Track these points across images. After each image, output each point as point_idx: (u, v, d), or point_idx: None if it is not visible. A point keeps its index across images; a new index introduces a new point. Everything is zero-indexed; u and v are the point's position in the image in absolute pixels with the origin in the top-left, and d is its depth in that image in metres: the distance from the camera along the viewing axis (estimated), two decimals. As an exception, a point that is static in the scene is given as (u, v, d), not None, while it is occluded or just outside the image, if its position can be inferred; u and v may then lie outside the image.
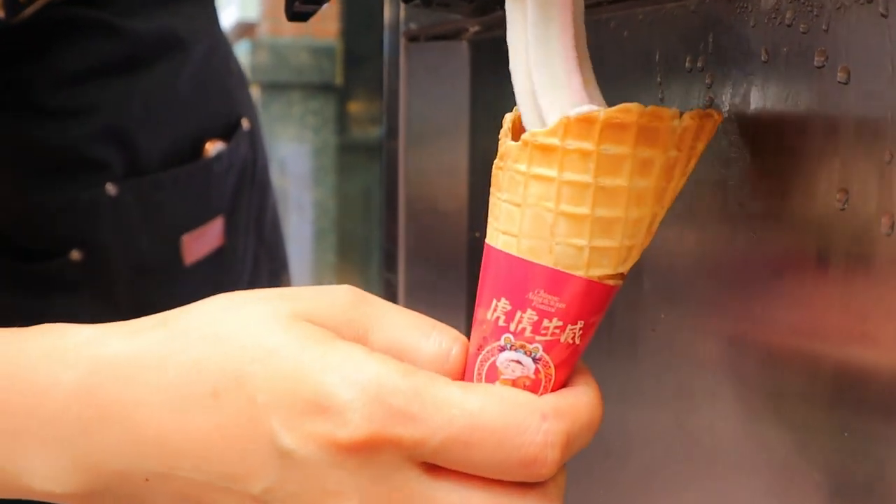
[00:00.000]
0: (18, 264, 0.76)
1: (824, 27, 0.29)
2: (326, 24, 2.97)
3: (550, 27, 0.30)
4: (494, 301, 0.32)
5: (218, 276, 0.83)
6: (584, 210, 0.30)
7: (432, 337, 0.34)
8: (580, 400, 0.31)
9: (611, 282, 0.31)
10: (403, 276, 0.67)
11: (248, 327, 0.33)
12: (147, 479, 0.34)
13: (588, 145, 0.29)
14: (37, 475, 0.35)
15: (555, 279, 0.31)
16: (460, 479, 0.31)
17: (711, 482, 0.36)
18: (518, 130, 0.32)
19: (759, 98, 0.32)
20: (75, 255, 0.76)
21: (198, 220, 0.81)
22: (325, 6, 0.44)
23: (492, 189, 0.32)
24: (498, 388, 0.32)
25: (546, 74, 0.30)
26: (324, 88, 2.99)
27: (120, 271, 0.78)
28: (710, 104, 0.34)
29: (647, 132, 0.29)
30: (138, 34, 0.77)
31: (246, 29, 3.26)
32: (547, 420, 0.31)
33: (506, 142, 0.31)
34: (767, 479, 0.33)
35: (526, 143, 0.30)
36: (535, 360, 0.32)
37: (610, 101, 0.31)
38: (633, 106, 0.29)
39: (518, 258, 0.31)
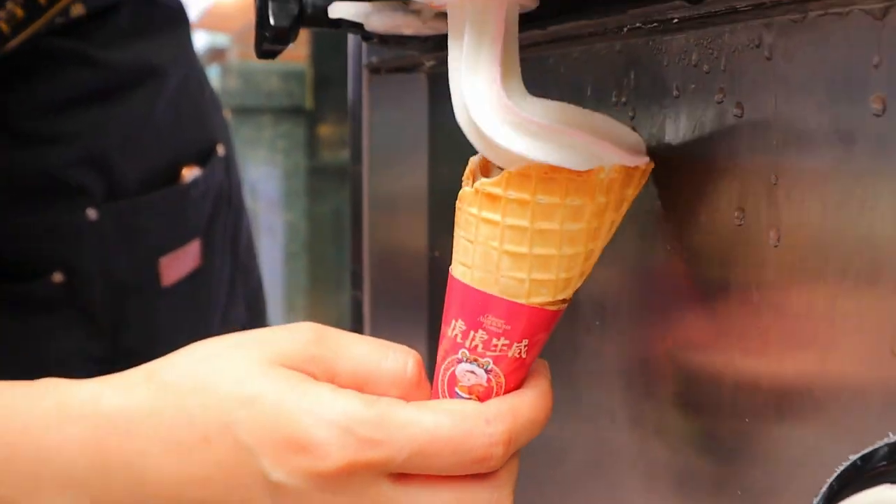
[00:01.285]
0: (2, 286, 0.78)
1: (723, 68, 0.34)
2: (296, 49, 3.00)
3: (481, 55, 0.35)
4: (454, 321, 0.37)
5: (195, 297, 0.86)
6: (523, 249, 0.35)
7: (389, 357, 0.39)
8: (522, 401, 0.37)
9: (552, 307, 0.36)
10: (369, 294, 0.71)
11: (231, 376, 0.38)
12: None
13: (525, 196, 0.34)
14: None
15: (501, 306, 0.36)
16: (425, 481, 0.37)
17: (623, 490, 0.40)
18: (477, 174, 0.37)
19: (672, 128, 0.37)
20: (57, 276, 0.78)
21: (175, 242, 0.83)
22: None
23: (455, 226, 0.37)
24: (447, 403, 0.38)
25: (476, 94, 0.35)
26: (294, 112, 3.01)
27: (100, 292, 0.80)
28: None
29: (576, 184, 0.34)
30: (115, 64, 0.80)
31: (216, 54, 3.30)
32: (490, 424, 0.36)
33: (464, 187, 0.36)
34: (673, 484, 0.37)
35: (477, 191, 0.35)
36: (486, 371, 0.37)
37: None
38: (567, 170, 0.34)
39: (471, 287, 0.36)
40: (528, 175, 0.34)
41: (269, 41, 0.46)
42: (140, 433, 0.39)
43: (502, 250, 0.35)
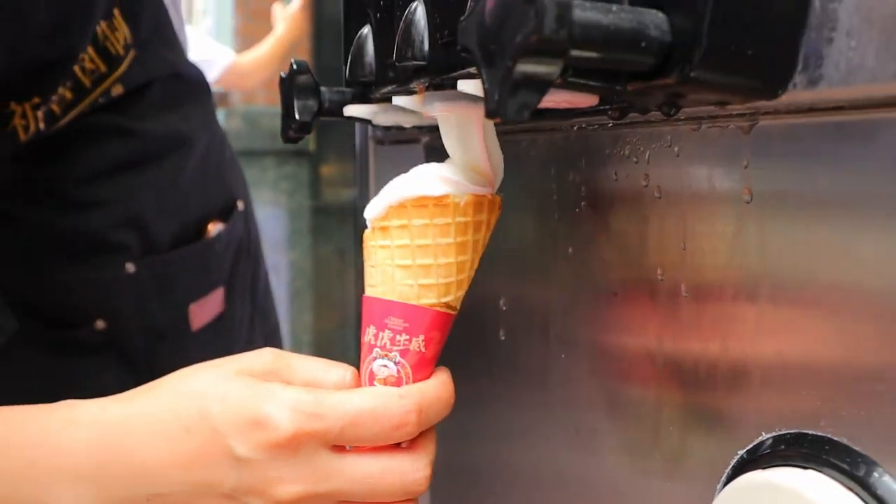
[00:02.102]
0: (52, 332, 0.86)
1: (647, 160, 0.45)
2: (297, 93, 3.10)
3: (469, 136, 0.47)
4: (367, 329, 0.49)
5: (219, 339, 0.95)
6: (408, 262, 0.47)
7: (331, 371, 0.51)
8: (428, 384, 0.49)
9: (440, 308, 0.48)
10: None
11: (207, 382, 0.50)
12: (148, 499, 0.51)
13: (404, 221, 0.47)
14: None
15: (398, 308, 0.48)
16: (358, 451, 0.49)
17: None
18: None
19: (611, 203, 0.48)
20: (99, 323, 0.86)
21: (202, 290, 0.92)
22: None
23: (364, 261, 0.49)
24: (370, 388, 0.49)
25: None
26: (297, 154, 3.12)
27: (137, 337, 0.88)
28: (585, 206, 0.50)
29: (439, 208, 0.46)
30: (149, 135, 0.88)
31: (220, 98, 3.42)
32: (402, 398, 0.48)
33: (366, 231, 0.49)
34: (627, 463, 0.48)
35: (373, 228, 0.48)
36: (395, 363, 0.48)
37: (527, 199, 0.46)
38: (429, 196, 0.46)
39: (376, 298, 0.48)
40: (405, 205, 0.47)
41: (294, 131, 0.58)
42: (137, 431, 0.50)
43: (394, 265, 0.47)
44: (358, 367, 0.51)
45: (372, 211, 0.48)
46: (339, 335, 3.27)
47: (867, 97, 0.30)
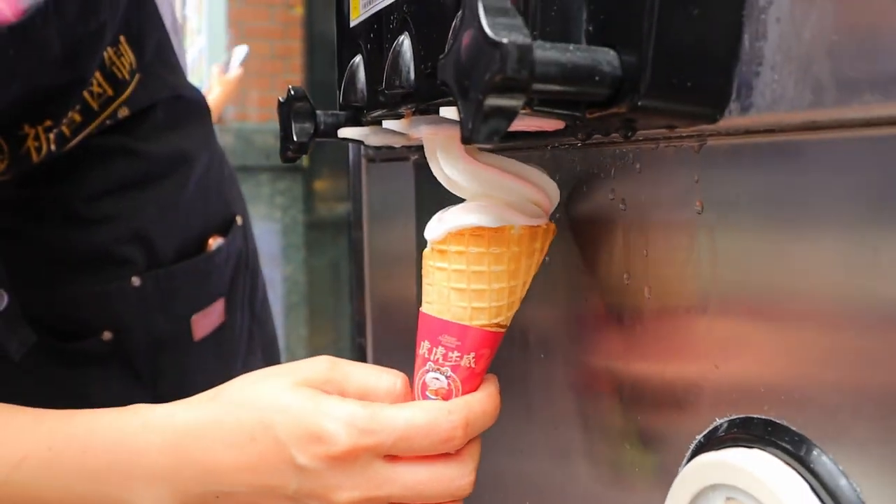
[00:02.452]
0: (61, 344, 0.89)
1: (612, 175, 0.50)
2: (291, 110, 3.16)
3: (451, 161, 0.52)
4: (422, 342, 0.53)
5: (220, 349, 0.99)
6: (463, 286, 0.51)
7: (384, 378, 0.56)
8: (475, 398, 0.53)
9: (490, 328, 0.52)
10: (371, 340, 0.86)
11: (270, 394, 0.55)
12: (217, 497, 0.55)
13: (462, 248, 0.50)
14: (146, 502, 0.56)
15: (453, 328, 0.52)
16: (409, 460, 0.53)
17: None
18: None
19: (583, 214, 0.53)
20: (106, 334, 0.90)
21: (204, 302, 0.96)
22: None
23: (423, 276, 0.53)
24: (421, 403, 0.53)
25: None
26: (290, 170, 3.17)
27: (142, 347, 0.92)
28: (560, 216, 0.55)
29: (495, 238, 0.50)
30: (153, 154, 0.92)
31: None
32: (451, 413, 0.52)
33: (425, 250, 0.52)
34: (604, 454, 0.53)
35: (432, 249, 0.52)
36: (446, 377, 0.53)
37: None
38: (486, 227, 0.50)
39: (431, 316, 0.53)
40: (463, 234, 0.50)
41: (292, 151, 0.63)
42: (206, 436, 0.55)
43: (450, 287, 0.52)
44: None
45: (432, 233, 0.52)
46: (334, 349, 3.32)
47: (789, 122, 0.36)
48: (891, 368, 0.35)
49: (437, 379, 0.53)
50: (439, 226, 0.51)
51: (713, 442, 0.44)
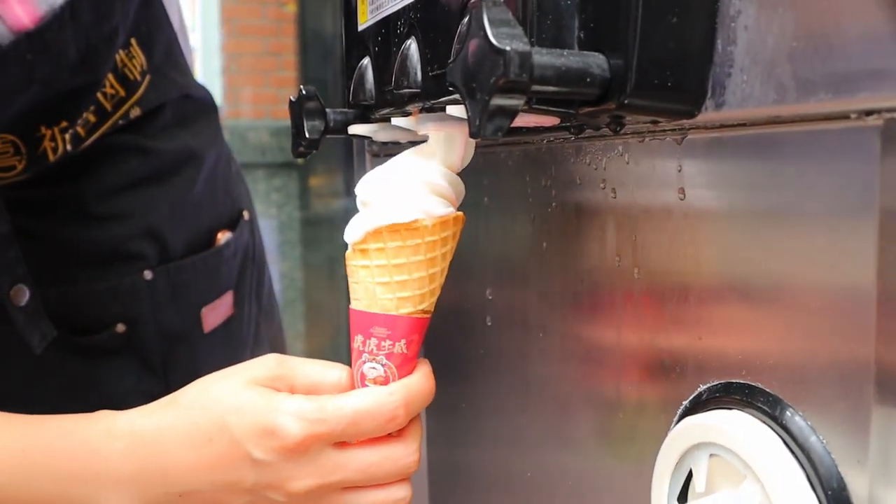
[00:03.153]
0: (75, 337, 0.93)
1: (604, 167, 0.55)
2: (284, 107, 3.20)
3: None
4: (355, 337, 0.58)
5: (229, 341, 1.03)
6: (386, 279, 0.56)
7: (329, 372, 0.60)
8: (411, 379, 0.58)
9: (416, 315, 0.57)
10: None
11: (224, 395, 0.59)
12: (180, 495, 0.61)
13: (381, 244, 0.55)
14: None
15: (381, 319, 0.57)
16: (358, 445, 0.58)
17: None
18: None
19: (577, 202, 0.58)
20: (120, 327, 0.95)
21: (213, 294, 1.01)
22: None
23: (348, 278, 0.58)
24: (363, 390, 0.58)
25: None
26: (285, 166, 3.21)
27: (154, 339, 0.97)
28: (556, 206, 0.60)
29: (409, 231, 0.55)
30: (164, 152, 0.97)
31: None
32: (392, 395, 0.57)
33: (347, 251, 0.57)
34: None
35: (353, 249, 0.57)
36: (382, 365, 0.58)
37: (507, 202, 0.57)
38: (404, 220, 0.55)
39: (361, 311, 0.57)
40: (380, 231, 0.55)
41: (304, 147, 0.68)
42: (166, 440, 0.60)
43: (375, 283, 0.56)
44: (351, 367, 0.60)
45: (351, 235, 0.57)
46: (331, 344, 3.35)
47: (757, 117, 0.41)
48: (851, 336, 0.40)
49: (374, 368, 0.58)
50: (356, 228, 0.56)
51: (697, 406, 0.49)
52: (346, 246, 0.59)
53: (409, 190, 0.55)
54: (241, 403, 0.57)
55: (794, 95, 0.38)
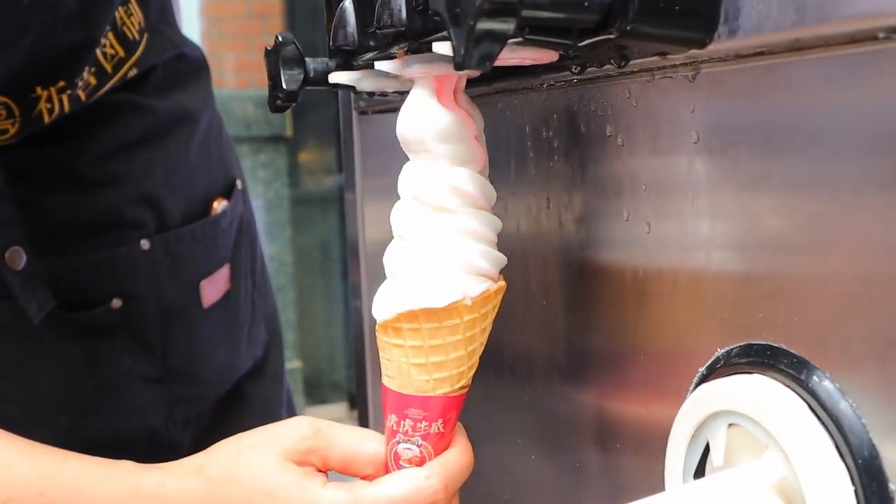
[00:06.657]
0: (69, 314, 0.92)
1: (610, 112, 0.54)
2: (271, 75, 3.18)
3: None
4: (389, 416, 0.59)
5: (227, 317, 1.04)
6: (422, 360, 0.56)
7: (366, 444, 0.62)
8: (448, 457, 0.60)
9: (454, 394, 0.58)
10: (366, 304, 0.91)
11: (255, 472, 0.61)
12: None
13: (416, 325, 0.56)
14: None
15: (417, 401, 0.58)
16: None
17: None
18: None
19: (581, 155, 0.57)
20: (116, 302, 0.94)
21: (211, 267, 1.01)
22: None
23: (378, 348, 0.59)
24: (399, 474, 0.60)
25: None
26: (273, 140, 3.19)
27: (152, 315, 0.97)
28: (558, 159, 0.59)
29: (447, 312, 0.55)
30: (159, 111, 0.97)
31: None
32: (429, 478, 0.59)
33: (377, 324, 0.58)
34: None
35: (385, 326, 0.57)
36: (417, 446, 0.59)
37: (505, 157, 0.56)
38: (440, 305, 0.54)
39: (395, 391, 0.58)
40: (415, 313, 0.55)
41: (281, 100, 0.67)
42: None
43: (409, 363, 0.57)
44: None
45: (381, 314, 0.57)
46: (325, 335, 3.35)
47: (774, 43, 0.40)
48: (884, 291, 0.39)
49: (410, 449, 0.59)
50: (389, 307, 0.56)
51: (714, 372, 0.49)
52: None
53: (447, 273, 0.55)
54: (273, 487, 0.60)
55: (814, 15, 0.38)
